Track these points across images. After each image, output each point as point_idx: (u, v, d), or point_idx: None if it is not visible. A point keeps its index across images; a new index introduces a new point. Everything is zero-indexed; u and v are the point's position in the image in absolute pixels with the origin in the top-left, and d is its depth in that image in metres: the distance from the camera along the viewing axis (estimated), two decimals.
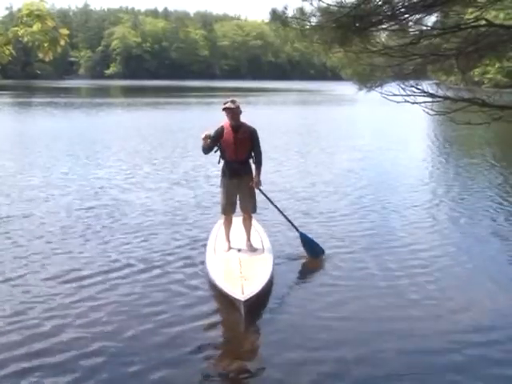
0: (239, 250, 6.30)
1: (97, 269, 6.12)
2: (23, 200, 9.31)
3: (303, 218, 8.20)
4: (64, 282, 5.75)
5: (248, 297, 5.01)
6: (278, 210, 6.93)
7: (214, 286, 5.57)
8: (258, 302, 5.20)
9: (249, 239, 6.43)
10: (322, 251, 6.64)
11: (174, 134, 20.15)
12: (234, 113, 6.19)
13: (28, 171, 12.10)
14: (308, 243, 6.66)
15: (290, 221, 6.88)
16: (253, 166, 6.43)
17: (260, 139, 6.40)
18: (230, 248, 6.35)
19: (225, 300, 5.27)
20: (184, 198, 9.69)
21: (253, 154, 6.37)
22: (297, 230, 6.79)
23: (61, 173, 11.92)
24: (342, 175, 12.27)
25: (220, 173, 6.54)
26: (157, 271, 6.11)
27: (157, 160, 13.94)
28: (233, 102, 6.20)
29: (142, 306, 5.27)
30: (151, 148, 16.19)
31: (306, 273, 6.44)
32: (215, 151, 6.38)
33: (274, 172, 11.99)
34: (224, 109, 6.18)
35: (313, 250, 6.64)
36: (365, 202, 9.58)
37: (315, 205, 9.27)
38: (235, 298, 5.05)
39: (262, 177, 6.48)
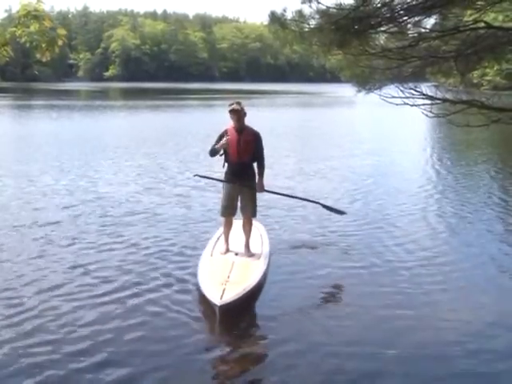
0: (236, 254, 6.20)
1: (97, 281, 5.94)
2: (34, 208, 9.00)
3: (322, 228, 7.91)
4: (75, 300, 5.43)
5: (225, 302, 4.90)
6: (291, 196, 7.68)
7: (198, 289, 5.47)
8: (239, 308, 5.03)
9: (247, 243, 6.35)
10: (344, 212, 7.75)
11: (179, 137, 19.93)
12: (239, 115, 6.18)
13: (37, 176, 11.73)
14: (329, 209, 7.61)
15: (308, 199, 7.77)
16: (256, 171, 6.36)
17: (267, 143, 6.31)
18: (227, 251, 6.29)
19: (206, 303, 5.13)
20: (198, 203, 9.43)
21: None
22: (317, 203, 7.63)
23: (70, 179, 11.60)
24: (360, 180, 11.89)
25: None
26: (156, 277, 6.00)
27: (169, 163, 13.82)
28: (238, 103, 6.21)
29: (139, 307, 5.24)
30: (157, 151, 16.05)
31: (301, 281, 6.01)
32: (220, 155, 6.32)
33: (289, 178, 11.67)
34: (230, 111, 6.17)
35: (336, 211, 7.64)
36: (377, 208, 9.29)
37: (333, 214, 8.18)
38: (212, 302, 4.96)
39: (276, 182, 6.36)
